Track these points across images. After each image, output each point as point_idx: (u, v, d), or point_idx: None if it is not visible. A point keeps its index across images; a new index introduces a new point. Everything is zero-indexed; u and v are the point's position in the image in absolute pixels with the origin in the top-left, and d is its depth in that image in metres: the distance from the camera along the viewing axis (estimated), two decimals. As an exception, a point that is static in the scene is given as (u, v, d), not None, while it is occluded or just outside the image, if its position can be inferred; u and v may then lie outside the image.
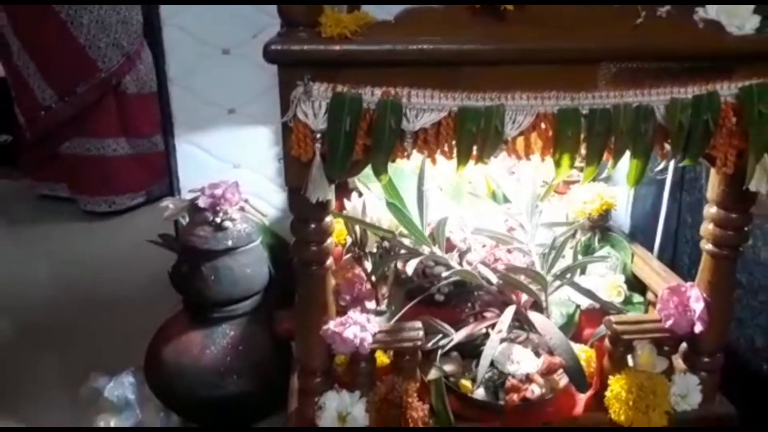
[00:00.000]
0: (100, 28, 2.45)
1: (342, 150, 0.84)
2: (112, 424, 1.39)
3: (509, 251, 1.25)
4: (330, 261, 0.99)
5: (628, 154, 0.89)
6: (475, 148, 0.86)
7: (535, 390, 1.04)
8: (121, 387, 1.43)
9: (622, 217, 1.58)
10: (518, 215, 1.28)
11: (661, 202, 1.47)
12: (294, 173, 0.88)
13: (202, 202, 1.36)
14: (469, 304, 1.22)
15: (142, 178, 2.70)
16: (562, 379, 1.06)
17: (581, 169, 1.37)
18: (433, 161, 0.89)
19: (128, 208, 2.70)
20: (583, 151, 0.88)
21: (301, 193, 0.87)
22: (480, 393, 1.05)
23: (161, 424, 1.43)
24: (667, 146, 0.89)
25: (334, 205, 0.96)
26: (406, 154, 0.87)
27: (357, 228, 1.23)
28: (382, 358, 1.10)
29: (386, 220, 1.21)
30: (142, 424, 1.42)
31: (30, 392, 1.62)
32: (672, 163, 1.40)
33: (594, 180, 1.39)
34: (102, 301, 2.04)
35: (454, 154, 0.87)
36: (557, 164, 0.88)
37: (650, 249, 1.45)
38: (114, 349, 1.70)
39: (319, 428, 1.01)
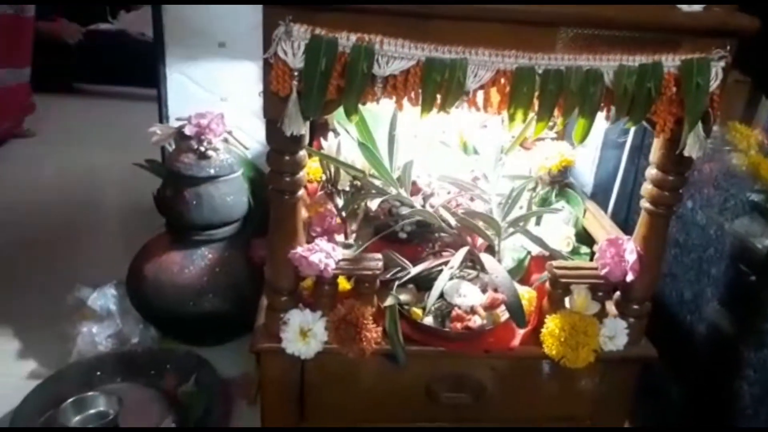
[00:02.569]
0: None
1: (316, 88, 0.92)
2: (95, 331, 1.50)
3: (471, 199, 1.35)
4: (301, 191, 1.08)
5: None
6: (438, 97, 0.95)
7: (477, 321, 1.15)
8: (104, 298, 1.54)
9: (587, 178, 1.68)
10: (484, 166, 1.37)
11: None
12: (272, 107, 0.96)
13: (188, 131, 1.43)
14: (430, 244, 1.32)
15: None
16: (504, 315, 1.17)
17: (551, 127, 1.48)
18: (400, 107, 0.97)
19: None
20: (536, 107, 0.97)
21: (277, 126, 0.96)
22: (429, 320, 1.16)
23: (140, 334, 1.54)
24: (613, 109, 0.98)
25: (307, 139, 1.04)
26: (375, 98, 0.95)
27: (331, 166, 1.32)
28: (345, 284, 1.20)
29: (360, 160, 1.30)
30: (122, 333, 1.53)
31: (19, 300, 1.73)
32: (632, 129, 1.50)
33: (559, 139, 1.49)
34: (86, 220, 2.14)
35: (420, 101, 0.95)
36: (511, 118, 0.96)
37: (607, 209, 1.55)
38: (97, 265, 1.81)
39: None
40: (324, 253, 1.10)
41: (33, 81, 3.18)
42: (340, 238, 1.31)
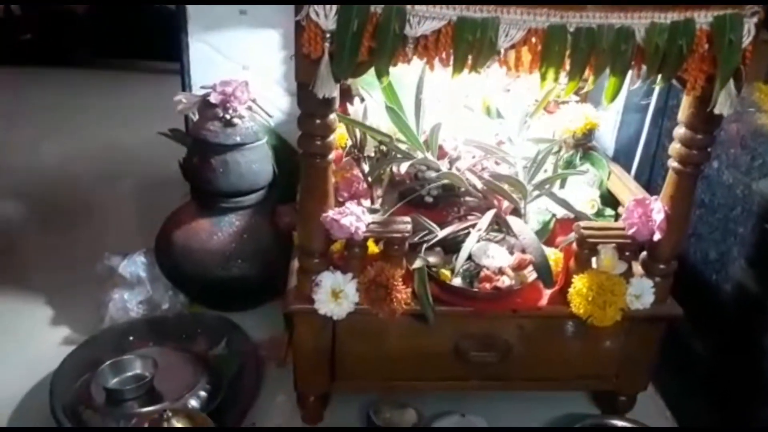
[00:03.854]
0: None
1: (348, 50, 0.92)
2: (126, 297, 1.53)
3: (497, 162, 1.36)
4: (332, 155, 1.09)
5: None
6: (470, 57, 0.95)
7: (505, 281, 1.17)
8: (134, 265, 1.56)
9: (608, 141, 1.68)
10: (508, 129, 1.38)
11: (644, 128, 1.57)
12: (304, 70, 0.96)
13: (213, 98, 1.44)
14: (456, 208, 1.33)
15: None
16: (532, 275, 1.19)
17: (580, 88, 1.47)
18: (431, 67, 0.97)
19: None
20: (567, 66, 0.97)
21: (309, 89, 0.96)
22: (457, 281, 1.18)
23: (169, 301, 1.57)
24: (644, 67, 0.98)
25: (338, 103, 1.05)
26: (407, 59, 0.96)
27: (357, 131, 1.33)
28: (373, 248, 1.22)
29: (385, 125, 1.30)
30: (152, 299, 1.56)
31: (50, 269, 1.76)
32: (656, 91, 1.50)
33: (583, 101, 1.49)
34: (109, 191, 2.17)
35: (451, 62, 0.95)
36: (543, 77, 0.97)
37: (629, 171, 1.55)
38: (123, 234, 1.84)
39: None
40: (355, 216, 1.11)
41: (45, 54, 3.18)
42: (366, 203, 1.33)
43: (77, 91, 3.02)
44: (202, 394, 1.28)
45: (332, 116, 1.05)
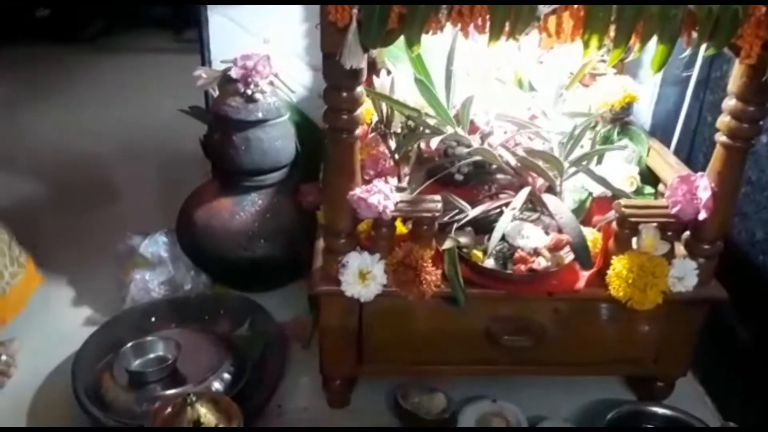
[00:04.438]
0: None
1: (378, 17, 0.87)
2: (147, 277, 1.50)
3: (530, 138, 1.30)
4: (359, 130, 1.04)
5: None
6: (507, 23, 0.89)
7: (541, 262, 1.11)
8: (155, 245, 1.53)
9: (645, 115, 1.61)
10: (542, 103, 1.31)
11: (684, 101, 1.49)
12: (330, 39, 0.91)
13: (234, 73, 1.39)
14: (487, 186, 1.27)
15: None
16: (568, 256, 1.14)
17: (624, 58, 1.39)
18: (466, 35, 0.91)
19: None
20: (611, 33, 0.90)
21: (335, 59, 0.91)
22: (490, 263, 1.13)
23: (191, 281, 1.54)
24: (694, 33, 0.91)
25: (365, 75, 1.00)
26: (440, 25, 0.90)
27: (384, 106, 1.27)
28: (401, 229, 1.17)
29: (413, 99, 1.25)
30: (174, 280, 1.53)
31: (71, 249, 1.74)
32: (698, 62, 1.42)
33: (620, 73, 1.41)
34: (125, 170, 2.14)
35: (487, 29, 0.89)
36: (586, 45, 0.90)
37: (668, 147, 1.48)
38: (142, 213, 1.82)
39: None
40: (383, 195, 1.07)
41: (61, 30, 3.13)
42: (393, 181, 1.28)
43: (94, 69, 3.00)
44: (226, 376, 1.25)
45: (359, 89, 0.99)
